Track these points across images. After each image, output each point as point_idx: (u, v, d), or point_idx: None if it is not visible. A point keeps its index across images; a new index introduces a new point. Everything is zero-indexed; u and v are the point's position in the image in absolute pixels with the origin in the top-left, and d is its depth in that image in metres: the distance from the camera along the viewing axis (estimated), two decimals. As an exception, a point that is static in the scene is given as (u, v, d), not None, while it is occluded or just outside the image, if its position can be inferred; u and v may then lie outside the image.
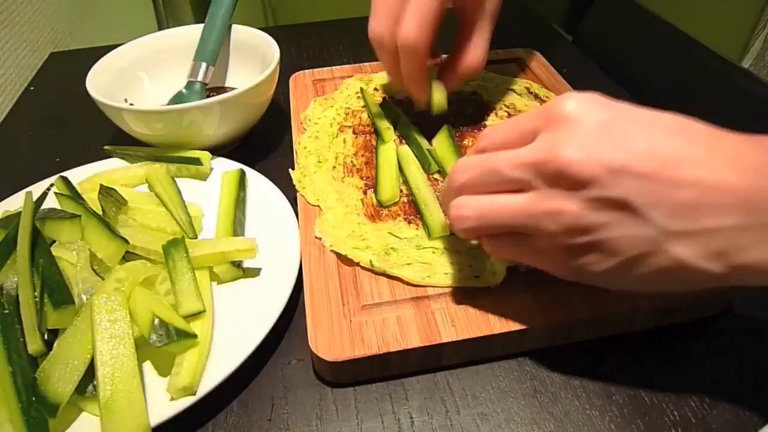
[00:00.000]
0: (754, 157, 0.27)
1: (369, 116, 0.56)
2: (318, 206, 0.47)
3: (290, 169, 0.50)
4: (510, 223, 0.32)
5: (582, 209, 0.28)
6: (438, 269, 0.40)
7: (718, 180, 0.26)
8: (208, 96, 0.61)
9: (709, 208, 0.26)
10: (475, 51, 0.49)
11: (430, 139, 0.53)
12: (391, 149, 0.51)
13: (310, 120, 0.57)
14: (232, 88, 0.55)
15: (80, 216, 0.42)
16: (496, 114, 0.55)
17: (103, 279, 0.39)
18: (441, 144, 0.51)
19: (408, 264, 0.41)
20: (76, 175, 0.51)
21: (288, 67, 0.66)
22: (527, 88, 0.59)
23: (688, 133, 0.28)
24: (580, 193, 0.28)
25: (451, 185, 0.34)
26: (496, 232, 0.33)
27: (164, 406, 0.34)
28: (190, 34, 0.63)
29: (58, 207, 0.46)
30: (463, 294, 0.39)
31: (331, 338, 0.37)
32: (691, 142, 0.28)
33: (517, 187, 0.31)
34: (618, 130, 0.28)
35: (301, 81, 0.64)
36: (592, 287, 0.38)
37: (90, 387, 0.35)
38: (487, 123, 0.55)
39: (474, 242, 0.42)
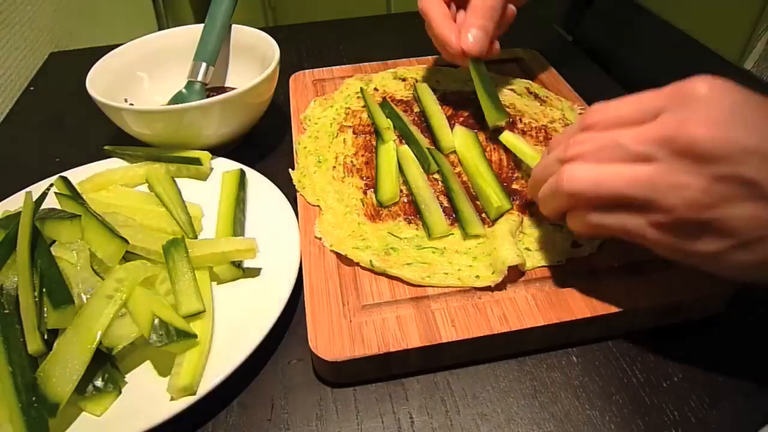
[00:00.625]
0: None
1: (369, 116, 0.56)
2: (318, 206, 0.47)
3: (290, 169, 0.50)
4: (627, 193, 0.30)
5: (709, 184, 0.28)
6: (438, 269, 0.40)
7: None
8: (208, 96, 0.61)
9: None
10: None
11: (431, 139, 0.53)
12: (391, 149, 0.51)
13: (310, 120, 0.57)
14: (232, 88, 0.55)
15: (80, 216, 0.42)
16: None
17: (103, 279, 0.39)
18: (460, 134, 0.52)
19: (408, 264, 0.41)
20: (76, 175, 0.51)
21: (288, 67, 0.66)
22: (527, 88, 0.59)
23: None
24: (709, 168, 0.28)
25: (561, 155, 0.34)
26: (603, 203, 0.32)
27: (164, 406, 0.34)
28: (190, 34, 0.63)
29: (58, 207, 0.46)
30: (463, 294, 0.39)
31: (331, 338, 0.37)
32: None
33: (640, 160, 0.30)
34: (751, 114, 0.28)
35: (301, 81, 0.64)
36: (591, 287, 0.39)
37: (90, 387, 0.35)
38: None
39: (489, 235, 0.42)
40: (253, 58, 0.62)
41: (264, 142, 0.60)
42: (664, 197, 0.29)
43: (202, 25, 0.62)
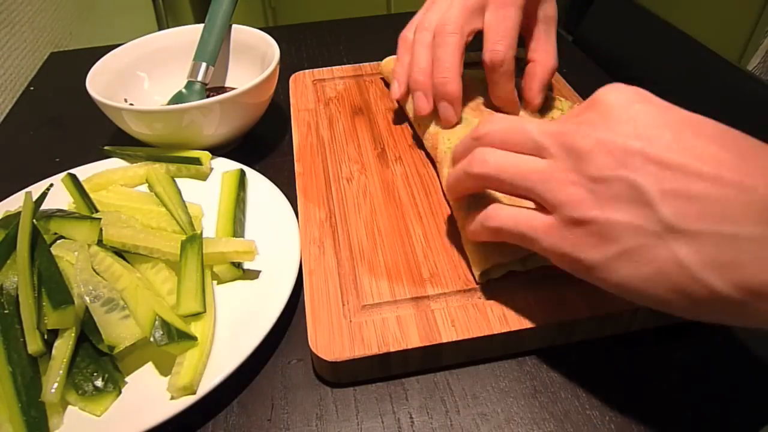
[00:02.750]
0: None
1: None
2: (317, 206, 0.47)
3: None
4: (523, 184, 0.31)
5: (591, 183, 0.28)
6: None
7: (742, 183, 0.25)
8: (208, 96, 0.61)
9: (723, 210, 0.24)
10: (547, 53, 0.51)
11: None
12: None
13: None
14: (232, 88, 0.55)
15: (100, 219, 0.43)
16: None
17: (103, 279, 0.39)
18: None
19: None
20: (76, 175, 0.51)
21: (288, 67, 0.66)
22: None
23: (725, 138, 0.27)
24: (593, 169, 0.28)
25: (474, 133, 0.35)
26: (503, 190, 0.33)
27: (164, 405, 0.34)
28: (190, 34, 0.63)
29: (58, 206, 0.46)
30: (463, 294, 0.39)
31: (331, 338, 0.37)
32: (723, 146, 0.26)
33: (539, 153, 0.31)
34: (646, 123, 0.28)
35: (301, 81, 0.64)
36: (592, 286, 0.38)
37: (90, 387, 0.35)
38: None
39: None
40: (253, 58, 0.62)
41: (264, 142, 0.60)
42: (552, 193, 0.30)
43: (202, 25, 0.62)
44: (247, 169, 0.52)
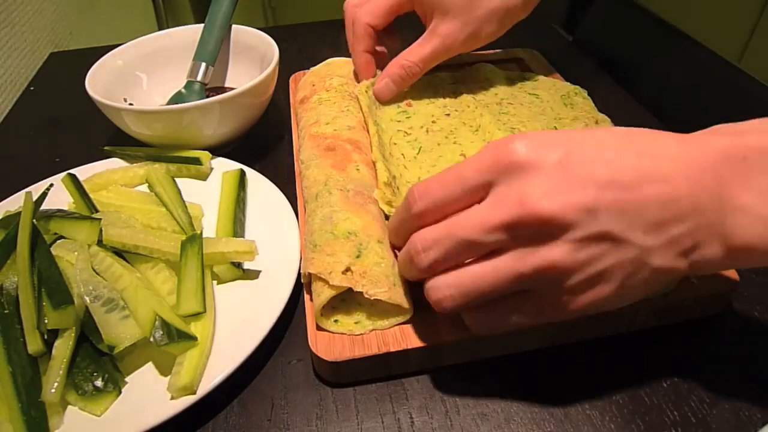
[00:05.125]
0: (697, 158, 0.29)
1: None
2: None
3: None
4: (498, 291, 0.30)
5: (570, 253, 0.28)
6: None
7: (672, 190, 0.28)
8: (207, 96, 0.61)
9: (671, 218, 0.29)
10: (414, 48, 0.53)
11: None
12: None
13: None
14: (232, 88, 0.55)
15: (100, 219, 0.43)
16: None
17: (103, 279, 0.39)
18: None
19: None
20: (76, 175, 0.51)
21: (288, 67, 0.66)
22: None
23: (633, 148, 0.30)
24: (563, 238, 0.28)
25: (417, 265, 0.32)
26: (482, 303, 0.32)
27: (164, 405, 0.34)
28: (190, 34, 0.63)
29: (59, 206, 0.46)
30: (463, 294, 0.39)
31: (331, 338, 0.36)
32: (638, 156, 0.29)
33: (494, 249, 0.30)
34: (575, 165, 0.29)
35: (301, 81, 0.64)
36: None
37: (90, 387, 0.35)
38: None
39: None
40: (252, 58, 0.62)
41: (264, 142, 0.60)
42: (535, 281, 0.30)
43: (202, 25, 0.62)
44: (247, 169, 0.52)
